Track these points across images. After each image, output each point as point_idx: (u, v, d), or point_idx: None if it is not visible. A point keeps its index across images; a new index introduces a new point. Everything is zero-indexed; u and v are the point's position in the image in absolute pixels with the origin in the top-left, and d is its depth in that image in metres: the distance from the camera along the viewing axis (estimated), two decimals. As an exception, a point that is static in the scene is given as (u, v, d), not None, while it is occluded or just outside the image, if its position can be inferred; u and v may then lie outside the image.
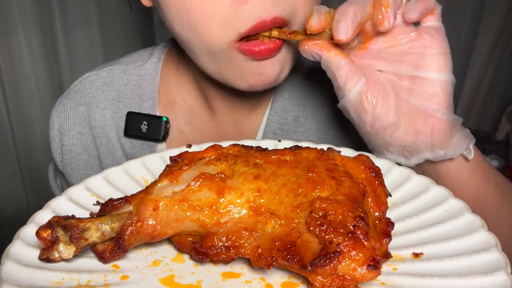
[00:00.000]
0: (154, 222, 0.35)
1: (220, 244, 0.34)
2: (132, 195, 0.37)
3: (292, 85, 0.67)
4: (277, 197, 0.35)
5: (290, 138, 0.64)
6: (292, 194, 0.35)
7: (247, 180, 0.36)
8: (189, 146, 0.50)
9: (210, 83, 0.64)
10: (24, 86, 1.61)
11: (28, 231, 0.36)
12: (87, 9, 1.59)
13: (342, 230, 0.32)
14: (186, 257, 0.37)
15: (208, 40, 0.52)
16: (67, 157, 0.68)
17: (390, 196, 0.39)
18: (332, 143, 0.58)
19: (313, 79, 0.68)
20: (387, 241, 0.35)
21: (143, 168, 0.47)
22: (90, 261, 0.35)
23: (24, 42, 1.57)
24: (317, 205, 0.33)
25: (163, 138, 0.67)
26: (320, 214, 0.33)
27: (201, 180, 0.36)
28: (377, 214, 0.37)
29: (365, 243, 0.31)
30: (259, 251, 0.33)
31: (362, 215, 0.33)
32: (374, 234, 0.34)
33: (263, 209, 0.35)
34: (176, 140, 0.69)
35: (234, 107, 0.67)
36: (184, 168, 0.38)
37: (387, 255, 0.34)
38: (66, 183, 0.71)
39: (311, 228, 0.32)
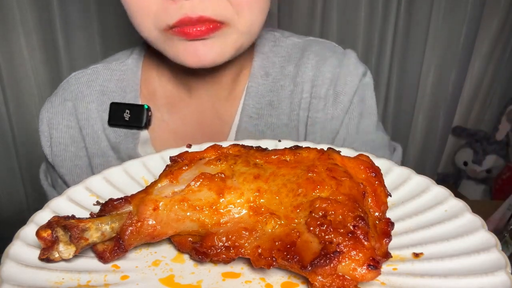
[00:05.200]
0: (154, 222, 0.35)
1: (220, 244, 0.34)
2: (132, 195, 0.37)
3: (266, 72, 0.71)
4: (277, 197, 0.35)
5: (265, 121, 0.69)
6: (292, 194, 0.35)
7: (247, 180, 0.36)
8: (189, 146, 0.50)
9: (187, 71, 0.67)
10: (24, 86, 1.60)
11: (28, 231, 0.36)
12: (87, 9, 1.58)
13: (342, 230, 0.32)
14: (186, 257, 0.37)
15: (144, 29, 0.60)
16: (56, 149, 0.72)
17: (390, 196, 0.39)
18: (303, 123, 0.70)
19: (286, 67, 0.72)
20: (387, 241, 0.34)
21: (143, 168, 0.47)
22: (90, 261, 0.35)
23: (24, 42, 1.57)
24: (317, 205, 0.33)
25: (145, 126, 0.71)
26: (320, 214, 0.33)
27: (201, 180, 0.36)
28: (377, 214, 0.37)
29: (365, 243, 0.31)
30: (259, 251, 0.33)
31: (362, 215, 0.33)
32: (374, 234, 0.34)
33: (263, 209, 0.35)
34: (158, 128, 0.73)
35: (212, 93, 0.71)
36: (184, 168, 0.38)
37: (387, 255, 0.34)
38: (56, 179, 0.74)
39: (311, 228, 0.32)
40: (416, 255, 0.36)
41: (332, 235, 0.32)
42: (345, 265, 0.31)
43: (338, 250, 0.31)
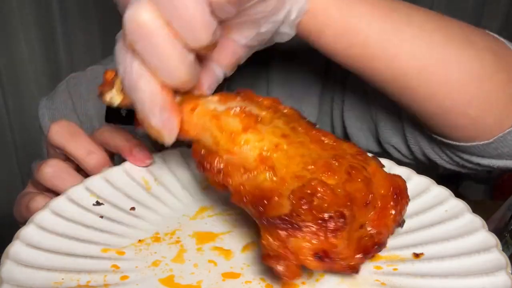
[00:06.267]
0: (185, 118, 0.36)
1: (218, 166, 0.35)
2: (186, 92, 0.38)
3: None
4: (287, 161, 0.35)
5: None
6: (302, 166, 0.35)
7: (274, 134, 0.36)
8: (189, 146, 0.50)
9: None
10: (24, 86, 1.61)
11: (28, 231, 0.36)
12: (87, 9, 1.59)
13: (315, 213, 0.31)
14: (186, 257, 0.37)
15: None
16: None
17: (401, 227, 0.37)
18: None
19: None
20: (360, 257, 0.33)
21: (143, 168, 0.47)
22: (90, 261, 0.35)
23: (24, 42, 1.57)
24: (313, 183, 0.33)
25: None
26: (309, 191, 0.33)
27: (240, 111, 0.37)
28: (370, 230, 0.35)
29: (329, 236, 0.31)
30: (241, 188, 0.34)
31: (347, 215, 0.32)
32: (348, 240, 0.32)
33: (268, 162, 0.35)
34: None
35: None
36: (237, 98, 0.39)
37: (353, 269, 0.33)
38: None
39: (291, 196, 0.32)
40: (417, 255, 0.35)
41: (304, 212, 0.31)
42: (297, 241, 0.31)
43: (301, 225, 0.31)
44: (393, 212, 0.36)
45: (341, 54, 0.45)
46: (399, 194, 0.37)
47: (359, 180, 0.35)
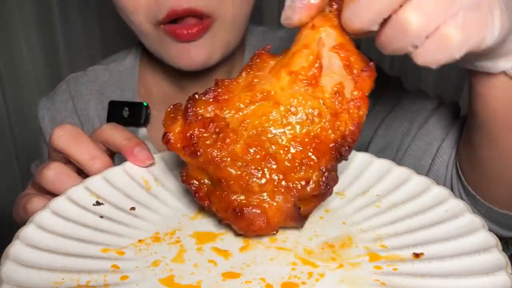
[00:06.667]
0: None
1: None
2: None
3: None
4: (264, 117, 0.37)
5: None
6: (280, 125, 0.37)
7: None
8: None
9: (179, 70, 0.68)
10: (24, 86, 1.61)
11: (28, 231, 0.36)
12: (87, 9, 1.59)
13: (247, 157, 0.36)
14: (186, 257, 0.37)
15: (137, 24, 0.61)
16: None
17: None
18: None
19: None
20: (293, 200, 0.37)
21: (143, 168, 0.47)
22: (90, 261, 0.35)
23: (24, 42, 1.57)
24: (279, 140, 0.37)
25: (144, 123, 0.72)
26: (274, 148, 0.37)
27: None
28: (323, 169, 0.37)
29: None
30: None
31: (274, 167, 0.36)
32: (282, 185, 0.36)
33: (247, 121, 0.37)
34: (155, 125, 0.74)
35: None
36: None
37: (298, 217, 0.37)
38: None
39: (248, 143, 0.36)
40: (417, 255, 0.35)
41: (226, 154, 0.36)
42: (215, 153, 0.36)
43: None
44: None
45: (492, 105, 0.46)
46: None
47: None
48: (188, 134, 0.38)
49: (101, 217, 0.40)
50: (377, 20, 0.32)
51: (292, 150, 0.37)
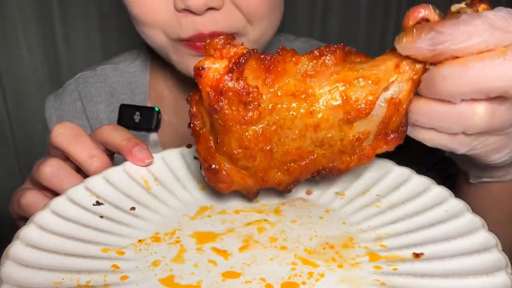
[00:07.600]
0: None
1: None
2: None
3: None
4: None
5: None
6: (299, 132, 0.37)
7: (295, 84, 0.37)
8: (189, 146, 0.50)
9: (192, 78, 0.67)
10: (23, 86, 1.60)
11: (28, 231, 0.36)
12: (87, 9, 1.58)
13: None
14: (186, 257, 0.37)
15: (150, 35, 0.59)
16: None
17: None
18: None
19: None
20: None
21: (143, 168, 0.47)
22: (90, 261, 0.35)
23: (23, 41, 1.57)
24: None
25: (155, 128, 0.71)
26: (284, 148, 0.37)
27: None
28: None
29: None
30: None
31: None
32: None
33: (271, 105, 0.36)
34: (166, 130, 0.73)
35: None
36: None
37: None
38: None
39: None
40: (417, 255, 0.35)
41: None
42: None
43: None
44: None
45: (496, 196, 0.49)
46: None
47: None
48: (221, 85, 0.35)
49: (101, 217, 0.40)
50: (465, 97, 0.32)
51: (289, 157, 0.38)
